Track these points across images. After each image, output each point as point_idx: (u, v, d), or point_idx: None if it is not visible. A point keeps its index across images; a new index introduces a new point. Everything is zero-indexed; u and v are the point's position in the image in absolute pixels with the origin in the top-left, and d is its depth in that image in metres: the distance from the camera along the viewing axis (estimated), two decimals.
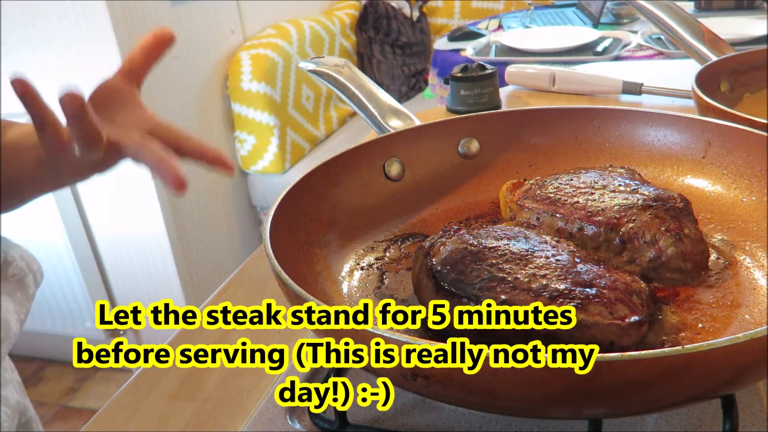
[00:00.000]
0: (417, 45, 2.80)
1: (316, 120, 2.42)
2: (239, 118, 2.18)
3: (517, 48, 1.68)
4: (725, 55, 0.80)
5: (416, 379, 0.35)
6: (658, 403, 0.35)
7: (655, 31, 1.55)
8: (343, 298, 0.51)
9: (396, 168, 0.61)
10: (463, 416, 0.45)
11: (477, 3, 2.78)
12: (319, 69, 0.69)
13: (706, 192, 0.57)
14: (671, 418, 0.43)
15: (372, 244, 0.57)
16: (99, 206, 1.92)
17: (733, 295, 0.46)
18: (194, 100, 2.04)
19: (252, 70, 2.12)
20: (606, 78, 1.05)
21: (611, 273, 0.42)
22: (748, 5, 1.76)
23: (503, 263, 0.42)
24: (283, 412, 0.48)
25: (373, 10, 2.73)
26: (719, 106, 0.63)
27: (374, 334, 0.34)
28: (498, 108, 0.99)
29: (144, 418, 0.51)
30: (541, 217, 0.52)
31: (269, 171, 2.22)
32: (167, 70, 1.91)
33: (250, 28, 2.29)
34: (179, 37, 2.29)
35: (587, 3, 2.00)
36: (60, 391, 2.04)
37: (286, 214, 0.50)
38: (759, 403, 0.44)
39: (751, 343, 0.31)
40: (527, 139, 0.64)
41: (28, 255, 0.70)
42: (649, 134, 0.61)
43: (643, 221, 0.47)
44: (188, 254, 2.00)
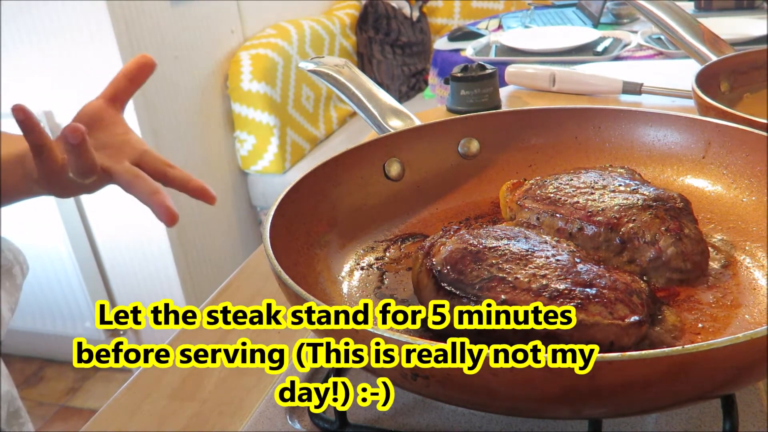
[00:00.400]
0: (417, 45, 2.80)
1: (316, 120, 2.42)
2: (239, 118, 2.18)
3: (517, 48, 1.68)
4: (725, 55, 0.80)
5: (416, 379, 0.35)
6: (658, 403, 0.35)
7: (655, 31, 1.55)
8: (343, 298, 0.51)
9: (396, 168, 0.61)
10: (463, 416, 0.45)
11: (477, 3, 2.79)
12: (319, 69, 0.69)
13: (706, 192, 0.57)
14: (671, 418, 0.43)
15: (372, 244, 0.57)
16: (99, 206, 1.92)
17: (733, 295, 0.46)
18: (194, 100, 2.04)
19: (252, 70, 2.12)
20: (606, 78, 1.05)
21: (611, 273, 0.42)
22: (748, 5, 1.76)
23: (503, 263, 0.42)
24: (283, 412, 0.48)
25: (373, 10, 2.73)
26: (719, 106, 0.63)
27: (374, 334, 0.34)
28: (498, 108, 0.99)
29: (144, 418, 0.51)
30: (541, 217, 0.52)
31: (269, 171, 2.22)
32: (167, 70, 1.91)
33: (250, 28, 2.29)
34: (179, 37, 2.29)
35: (587, 3, 2.00)
36: (60, 391, 2.04)
37: (286, 214, 0.50)
38: (759, 403, 0.44)
39: (751, 343, 0.31)
40: (527, 139, 0.64)
41: (14, 247, 0.72)
42: (649, 134, 0.61)
43: (643, 221, 0.48)
44: (188, 254, 2.00)
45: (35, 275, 1.97)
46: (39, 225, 1.87)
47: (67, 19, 1.71)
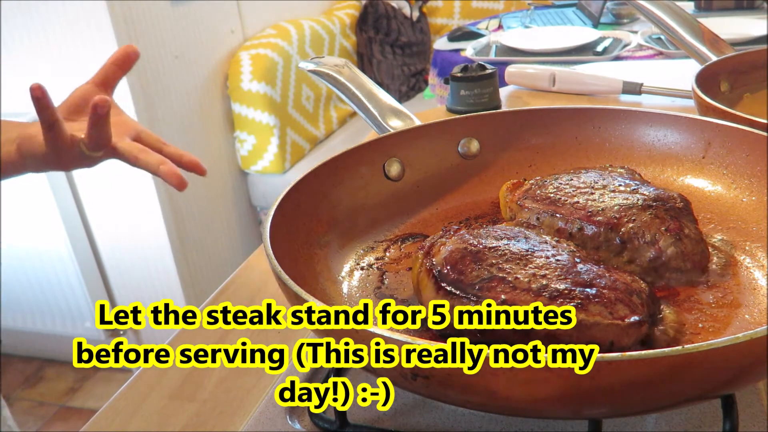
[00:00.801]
0: (417, 45, 2.80)
1: (316, 120, 2.42)
2: (239, 118, 2.18)
3: (517, 48, 1.68)
4: (725, 55, 0.80)
5: (416, 379, 0.35)
6: (658, 403, 0.35)
7: (655, 31, 1.55)
8: (343, 298, 0.51)
9: (396, 168, 0.61)
10: (463, 416, 0.45)
11: (477, 3, 2.79)
12: (319, 69, 0.69)
13: (706, 192, 0.57)
14: (671, 418, 0.43)
15: (372, 244, 0.57)
16: (99, 206, 1.92)
17: (733, 295, 0.46)
18: (194, 100, 2.04)
19: (252, 70, 2.12)
20: (606, 78, 1.05)
21: (611, 273, 0.42)
22: (748, 5, 1.76)
23: (503, 263, 0.42)
24: (283, 412, 0.48)
25: (373, 10, 2.73)
26: (719, 106, 0.63)
27: (374, 334, 0.34)
28: (498, 108, 0.99)
29: (144, 418, 0.51)
30: (541, 217, 0.52)
31: (269, 171, 2.22)
32: (167, 70, 1.91)
33: (250, 28, 2.29)
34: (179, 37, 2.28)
35: (587, 3, 2.00)
36: (60, 391, 2.04)
37: (286, 214, 0.50)
38: (759, 403, 0.44)
39: (751, 343, 0.31)
40: (527, 139, 0.64)
41: None
42: (649, 134, 0.61)
43: (643, 221, 0.47)
44: (188, 254, 2.00)
45: (35, 275, 1.97)
46: (39, 225, 1.87)
47: (67, 19, 1.71)
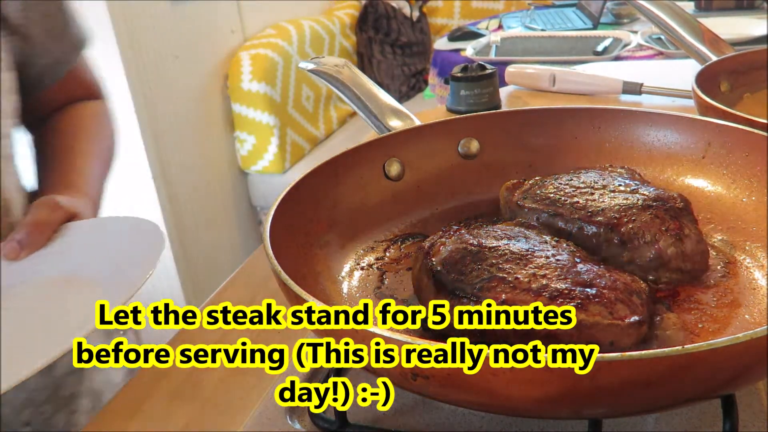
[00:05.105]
0: (417, 45, 2.80)
1: (316, 120, 2.42)
2: (239, 118, 2.18)
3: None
4: (725, 55, 0.80)
5: (416, 379, 0.35)
6: (658, 403, 0.35)
7: (655, 31, 1.55)
8: (343, 298, 0.51)
9: (396, 168, 0.61)
10: (463, 416, 0.45)
11: (477, 3, 2.79)
12: (319, 69, 0.69)
13: (706, 192, 0.57)
14: (671, 418, 0.43)
15: (372, 244, 0.57)
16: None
17: (733, 295, 0.46)
18: (194, 100, 2.04)
19: (252, 70, 2.12)
20: (606, 78, 1.05)
21: (611, 273, 0.42)
22: (748, 5, 1.76)
23: (503, 263, 0.42)
24: (283, 412, 0.48)
25: (373, 10, 2.73)
26: (719, 106, 0.63)
27: (374, 334, 0.34)
28: (498, 108, 0.99)
29: (144, 418, 0.51)
30: (541, 217, 0.52)
31: (269, 171, 2.22)
32: (167, 70, 1.91)
33: (250, 28, 2.29)
34: (179, 37, 2.29)
35: (587, 3, 2.00)
36: None
37: (286, 214, 0.50)
38: (759, 403, 0.44)
39: (751, 343, 0.31)
40: (527, 139, 0.64)
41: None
42: (649, 134, 0.61)
43: (643, 221, 0.47)
44: (188, 254, 2.00)
45: None
46: None
47: None
